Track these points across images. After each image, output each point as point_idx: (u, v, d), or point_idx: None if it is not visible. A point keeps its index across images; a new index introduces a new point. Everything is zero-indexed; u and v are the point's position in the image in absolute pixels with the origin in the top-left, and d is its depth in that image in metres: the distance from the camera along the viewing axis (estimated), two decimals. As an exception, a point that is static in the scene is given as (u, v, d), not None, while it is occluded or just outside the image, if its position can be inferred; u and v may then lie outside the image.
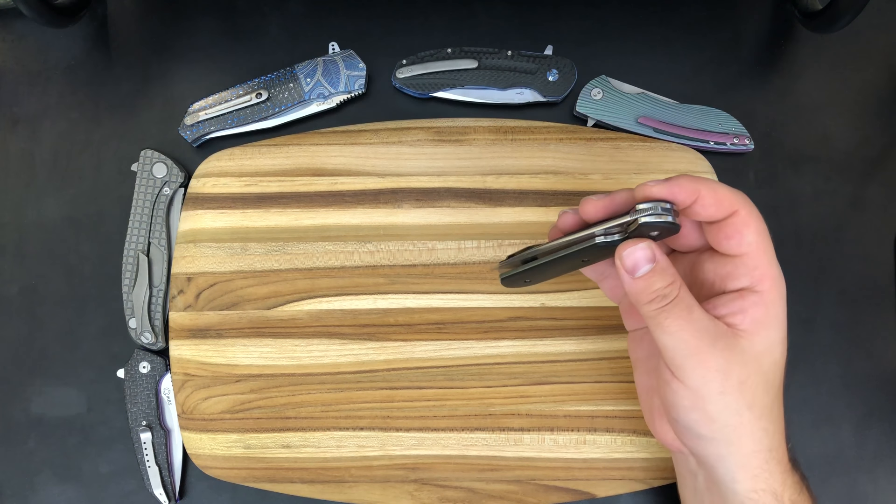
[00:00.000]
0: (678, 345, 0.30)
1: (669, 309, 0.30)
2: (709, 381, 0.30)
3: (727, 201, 0.31)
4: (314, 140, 0.46)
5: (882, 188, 0.47)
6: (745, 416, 0.31)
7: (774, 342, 0.32)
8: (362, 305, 0.44)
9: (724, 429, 0.31)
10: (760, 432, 0.31)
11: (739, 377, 0.30)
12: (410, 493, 0.43)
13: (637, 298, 0.31)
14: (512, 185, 0.45)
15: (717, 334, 0.30)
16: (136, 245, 0.45)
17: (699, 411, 0.31)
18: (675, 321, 0.30)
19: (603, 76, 0.47)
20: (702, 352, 0.30)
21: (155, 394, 0.45)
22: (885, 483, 0.44)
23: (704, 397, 0.31)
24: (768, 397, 0.32)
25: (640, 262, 0.31)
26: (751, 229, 0.31)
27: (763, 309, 0.31)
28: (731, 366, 0.30)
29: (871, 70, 0.48)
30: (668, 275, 0.30)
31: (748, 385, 0.31)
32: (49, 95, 0.49)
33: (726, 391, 0.30)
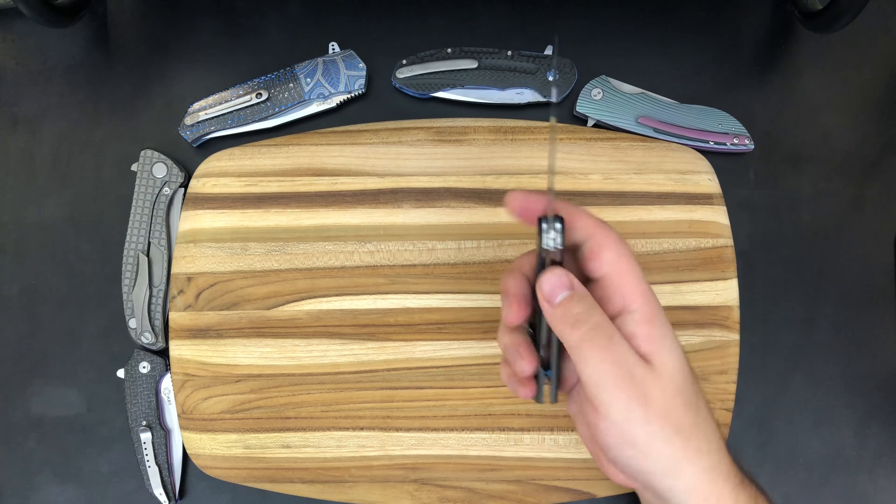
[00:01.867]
0: (599, 377, 0.30)
1: (592, 337, 0.30)
2: (631, 411, 0.30)
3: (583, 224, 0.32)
4: (314, 140, 0.46)
5: (882, 188, 0.47)
6: (676, 441, 0.30)
7: (676, 358, 0.31)
8: (362, 305, 0.44)
9: (659, 460, 0.31)
10: (695, 453, 0.31)
11: (659, 404, 0.30)
12: (410, 493, 0.43)
13: (560, 327, 0.31)
14: (512, 185, 0.45)
15: (635, 361, 0.30)
16: (136, 245, 0.45)
17: (629, 446, 0.31)
18: (597, 351, 0.30)
19: (603, 76, 0.47)
20: (622, 383, 0.30)
21: (155, 394, 0.45)
22: (885, 483, 0.44)
23: (631, 431, 0.30)
24: (691, 416, 0.31)
25: (557, 287, 0.31)
26: (608, 249, 0.31)
27: (648, 325, 0.31)
28: (651, 392, 0.30)
29: (871, 70, 0.48)
30: (587, 301, 0.31)
31: (671, 411, 0.30)
32: (49, 95, 0.49)
33: (650, 419, 0.30)
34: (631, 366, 0.30)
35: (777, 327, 0.46)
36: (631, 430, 0.30)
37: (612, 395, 0.30)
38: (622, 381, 0.30)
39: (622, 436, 0.31)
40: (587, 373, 0.30)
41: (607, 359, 0.30)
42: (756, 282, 0.46)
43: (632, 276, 0.31)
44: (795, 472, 0.45)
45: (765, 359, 0.45)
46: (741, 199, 0.46)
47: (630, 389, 0.30)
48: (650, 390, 0.30)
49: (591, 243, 0.32)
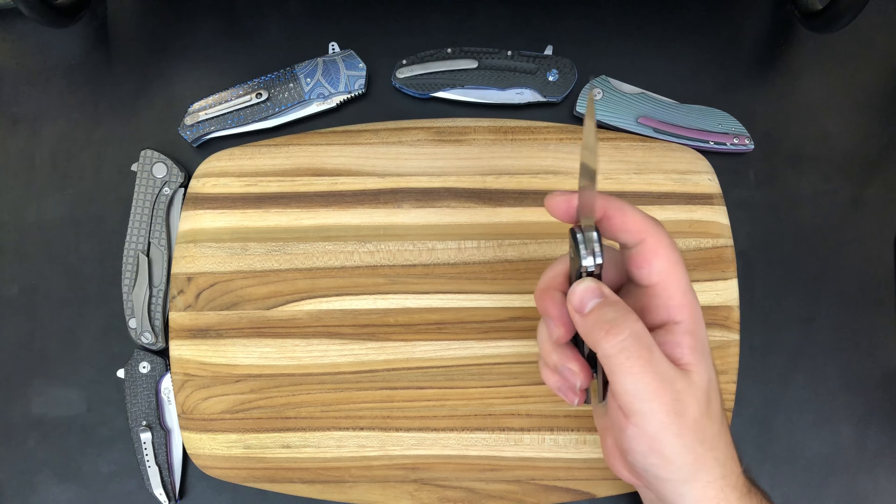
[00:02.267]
0: (639, 388, 0.29)
1: (629, 346, 0.29)
2: (667, 425, 0.29)
3: (634, 226, 0.30)
4: (314, 140, 0.46)
5: (882, 188, 0.47)
6: (699, 451, 0.30)
7: (709, 370, 0.31)
8: (362, 305, 0.44)
9: (681, 469, 0.30)
10: (713, 462, 0.31)
11: (693, 415, 0.29)
12: (410, 493, 0.43)
13: (593, 338, 0.30)
14: (512, 185, 0.45)
15: (675, 374, 0.29)
16: (136, 245, 0.45)
17: (656, 455, 0.30)
18: (637, 362, 0.29)
19: (603, 76, 0.47)
20: (661, 395, 0.29)
21: (155, 394, 0.45)
22: (885, 483, 0.44)
23: (661, 441, 0.30)
24: (714, 426, 0.31)
25: (586, 297, 0.30)
26: (660, 258, 0.30)
27: (691, 338, 0.30)
28: (686, 406, 0.29)
29: (871, 70, 0.48)
30: (620, 307, 0.30)
31: (700, 421, 0.30)
32: (49, 95, 0.49)
33: (682, 433, 0.29)
34: (671, 378, 0.29)
35: (777, 327, 0.46)
36: (662, 440, 0.30)
37: (650, 407, 0.29)
38: (662, 392, 0.29)
39: (651, 445, 0.30)
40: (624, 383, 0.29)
41: (647, 370, 0.29)
42: (756, 282, 0.46)
43: (680, 287, 0.30)
44: (795, 472, 0.45)
45: (765, 359, 0.45)
46: (741, 199, 0.46)
47: (669, 402, 0.29)
48: (687, 402, 0.29)
49: (641, 248, 0.30)
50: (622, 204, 0.30)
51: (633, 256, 0.31)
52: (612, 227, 0.30)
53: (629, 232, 0.30)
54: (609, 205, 0.30)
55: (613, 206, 0.30)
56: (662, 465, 0.31)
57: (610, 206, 0.30)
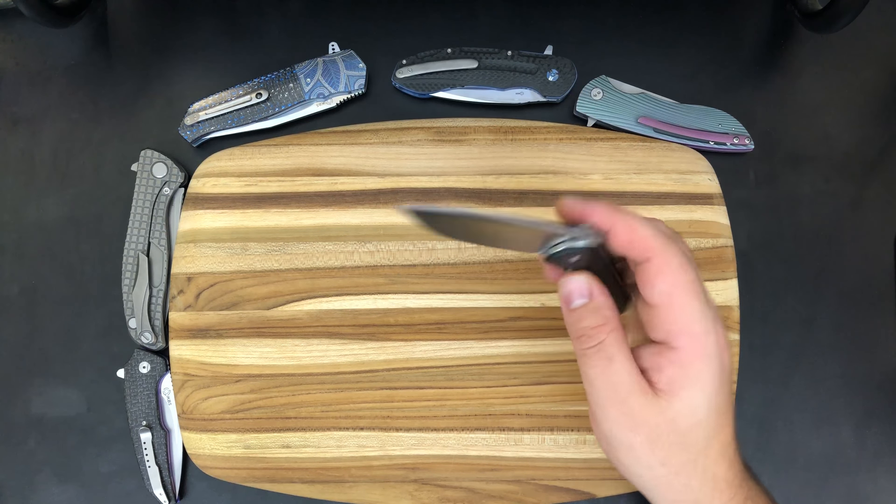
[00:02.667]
0: (593, 392, 0.30)
1: (591, 354, 0.29)
2: (616, 434, 0.30)
3: (640, 244, 0.29)
4: (314, 140, 0.46)
5: (882, 188, 0.47)
6: (659, 470, 0.30)
7: (695, 404, 0.29)
8: (362, 305, 0.44)
9: (638, 477, 0.31)
10: (681, 486, 0.30)
11: (649, 436, 0.29)
12: (410, 493, 0.43)
13: (570, 331, 0.31)
14: (512, 185, 0.45)
15: (631, 390, 0.29)
16: (136, 245, 0.45)
17: (613, 457, 0.31)
18: (593, 369, 0.30)
19: (603, 76, 0.47)
20: (611, 404, 0.29)
21: (155, 394, 0.45)
22: (885, 483, 0.44)
23: (615, 447, 0.30)
24: (687, 455, 0.30)
25: (574, 294, 0.30)
26: (664, 280, 0.28)
27: (678, 369, 0.29)
28: (639, 425, 0.29)
29: (871, 70, 0.48)
30: (599, 316, 0.29)
31: (659, 444, 0.29)
32: (49, 95, 0.49)
33: (634, 447, 0.30)
34: (626, 393, 0.29)
35: (777, 327, 0.46)
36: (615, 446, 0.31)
37: (603, 414, 0.30)
38: (613, 403, 0.30)
39: (608, 447, 0.31)
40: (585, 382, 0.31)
41: (601, 378, 0.30)
42: (756, 282, 0.46)
43: (683, 312, 0.29)
44: (795, 472, 0.45)
45: (765, 359, 0.45)
46: (741, 199, 0.46)
47: (619, 416, 0.30)
48: (638, 421, 0.29)
49: (646, 267, 0.29)
50: (632, 219, 0.29)
51: (638, 273, 0.30)
52: (617, 243, 0.29)
53: (634, 249, 0.29)
54: (618, 219, 0.29)
55: (622, 219, 0.29)
56: (620, 467, 0.31)
57: (618, 221, 0.29)
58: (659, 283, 0.29)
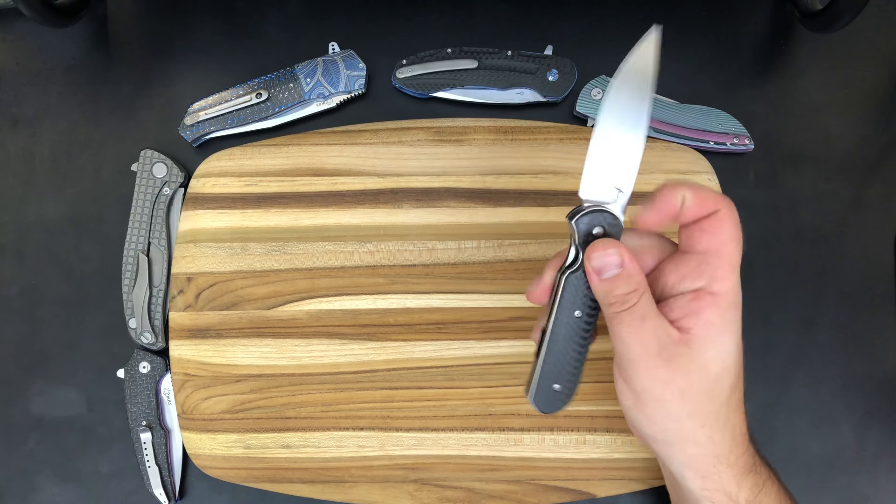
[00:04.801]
0: (625, 350, 0.31)
1: (624, 315, 0.31)
2: (648, 387, 0.31)
3: (711, 200, 0.31)
4: (314, 140, 0.46)
5: (882, 188, 0.47)
6: (686, 422, 0.31)
7: (726, 349, 0.31)
8: (362, 305, 0.44)
9: (664, 431, 0.32)
10: (704, 438, 0.32)
11: (680, 386, 0.31)
12: (410, 493, 0.43)
13: (602, 298, 0.32)
14: (512, 185, 0.45)
15: (665, 343, 0.31)
16: (136, 245, 0.45)
17: (640, 413, 0.32)
18: (626, 328, 0.31)
19: (603, 76, 0.47)
20: (645, 359, 0.31)
21: (155, 394, 0.45)
22: (885, 483, 0.44)
23: (644, 401, 0.32)
24: (713, 405, 0.32)
25: (609, 265, 0.31)
26: (726, 229, 0.31)
27: (717, 312, 0.31)
28: (673, 375, 0.31)
29: (871, 70, 0.48)
30: (632, 282, 0.31)
31: (689, 394, 0.31)
32: (49, 95, 0.49)
33: (664, 398, 0.31)
34: (660, 346, 0.31)
35: (777, 327, 0.46)
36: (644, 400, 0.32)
37: (634, 368, 0.31)
38: (646, 358, 0.31)
39: (635, 401, 0.32)
40: (615, 344, 0.32)
41: (634, 336, 0.31)
42: (756, 282, 0.46)
43: (731, 262, 0.31)
44: (795, 472, 0.45)
45: (765, 359, 0.45)
46: (741, 199, 0.46)
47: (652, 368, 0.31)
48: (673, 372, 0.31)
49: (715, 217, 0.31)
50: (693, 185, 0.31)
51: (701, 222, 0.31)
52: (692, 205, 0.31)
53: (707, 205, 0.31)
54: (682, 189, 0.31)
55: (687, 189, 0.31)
56: (646, 422, 0.32)
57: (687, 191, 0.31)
58: (722, 232, 0.31)
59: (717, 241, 0.31)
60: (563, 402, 0.34)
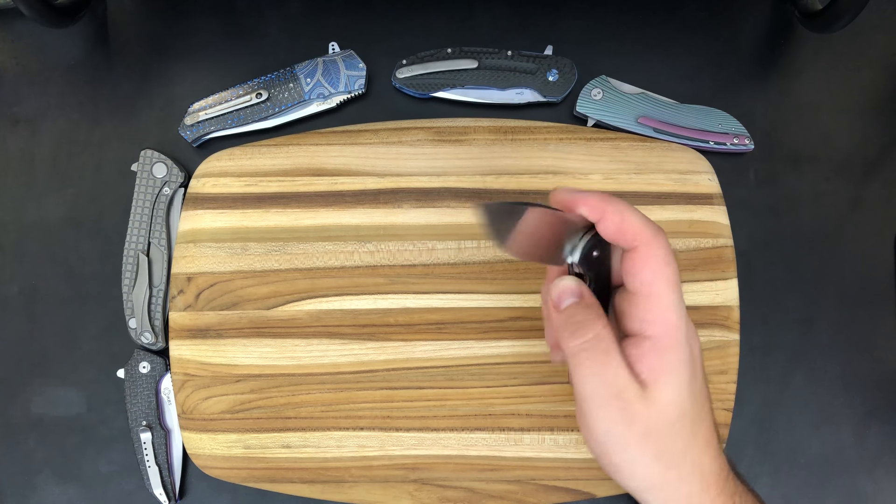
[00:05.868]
0: (588, 391, 0.30)
1: (589, 349, 0.30)
2: (611, 432, 0.30)
3: (630, 232, 0.29)
4: (314, 140, 0.46)
5: (882, 188, 0.47)
6: (654, 467, 0.30)
7: (677, 391, 0.30)
8: (362, 305, 0.44)
9: (632, 478, 0.31)
10: (675, 479, 0.31)
11: (642, 429, 0.30)
12: (410, 493, 0.43)
13: (560, 333, 0.31)
14: (512, 185, 0.45)
15: (625, 384, 0.30)
16: (136, 245, 0.45)
17: (607, 460, 0.31)
18: (591, 365, 0.30)
19: (603, 76, 0.47)
20: (606, 402, 0.30)
21: (155, 394, 0.45)
22: (885, 483, 0.44)
23: (609, 449, 0.31)
24: (679, 445, 0.30)
25: (565, 294, 0.31)
26: (647, 268, 0.29)
27: (656, 356, 0.30)
28: (634, 418, 0.29)
29: (871, 70, 0.48)
30: (591, 311, 0.30)
31: (652, 436, 0.30)
32: (49, 95, 0.49)
33: (629, 444, 0.30)
34: (621, 386, 0.30)
35: (777, 327, 0.46)
36: (609, 448, 0.31)
37: (598, 414, 0.30)
38: (609, 399, 0.30)
39: (602, 450, 0.31)
40: (578, 385, 0.30)
41: (598, 373, 0.30)
42: (756, 282, 0.46)
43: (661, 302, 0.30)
44: (795, 472, 0.45)
45: (765, 359, 0.45)
46: (741, 199, 0.46)
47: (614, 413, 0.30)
48: (636, 413, 0.30)
49: (632, 255, 0.30)
50: (623, 207, 0.30)
51: (623, 261, 0.31)
52: (608, 230, 0.30)
53: (624, 236, 0.30)
54: (609, 207, 0.30)
55: (612, 208, 0.30)
56: (614, 471, 0.31)
57: (609, 209, 0.30)
58: (643, 272, 0.30)
59: (640, 283, 0.30)
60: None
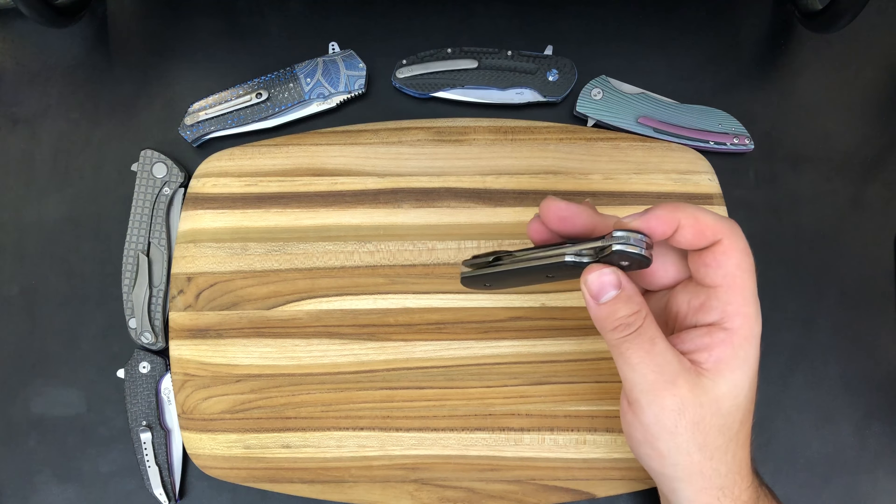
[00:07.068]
0: (637, 379, 0.30)
1: (632, 339, 0.29)
2: (662, 420, 0.30)
3: (710, 230, 0.29)
4: (314, 140, 0.46)
5: (882, 188, 0.47)
6: (696, 456, 0.30)
7: (739, 385, 0.30)
8: (362, 305, 0.44)
9: (673, 466, 0.31)
10: (711, 471, 0.31)
11: (693, 418, 0.30)
12: (410, 493, 0.43)
13: (601, 325, 0.30)
14: (512, 185, 0.45)
15: (678, 371, 0.29)
16: (136, 245, 0.45)
17: (650, 447, 0.31)
18: (637, 353, 0.29)
19: (603, 76, 0.47)
20: (659, 389, 0.29)
21: (155, 394, 0.45)
22: (885, 483, 0.44)
23: (655, 435, 0.30)
24: (722, 438, 0.30)
25: (606, 287, 0.30)
26: (731, 260, 0.29)
27: (729, 349, 0.30)
28: (687, 406, 0.29)
29: (871, 70, 0.48)
30: (633, 303, 0.29)
31: (702, 426, 0.30)
32: (49, 95, 0.49)
33: (678, 432, 0.30)
34: (673, 373, 0.29)
35: (777, 327, 0.46)
36: (655, 433, 0.30)
37: (647, 399, 0.30)
38: (660, 388, 0.29)
39: (645, 435, 0.31)
40: (625, 372, 0.30)
41: (647, 361, 0.29)
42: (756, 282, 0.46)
43: (743, 294, 0.30)
44: (795, 472, 0.45)
45: (765, 359, 0.45)
46: (741, 199, 0.46)
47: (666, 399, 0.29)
48: (686, 403, 0.29)
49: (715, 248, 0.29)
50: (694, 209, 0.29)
51: (703, 255, 0.30)
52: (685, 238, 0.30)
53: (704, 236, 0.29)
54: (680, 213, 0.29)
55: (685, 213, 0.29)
56: (655, 457, 0.31)
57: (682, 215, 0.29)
58: (727, 264, 0.29)
59: (723, 275, 0.30)
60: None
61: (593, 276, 0.30)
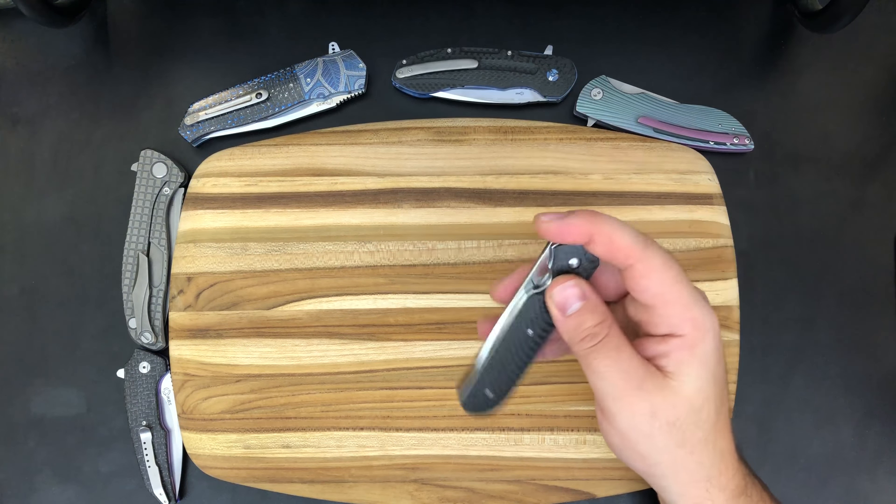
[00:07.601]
0: (607, 387, 0.30)
1: (598, 349, 0.30)
2: (636, 424, 0.30)
3: (622, 253, 0.29)
4: (314, 140, 0.46)
5: (882, 188, 0.47)
6: (677, 453, 0.31)
7: (704, 379, 0.30)
8: (362, 305, 0.44)
9: (656, 465, 0.32)
10: (695, 465, 0.31)
11: (668, 419, 0.30)
12: (410, 493, 0.43)
13: (569, 337, 0.31)
14: (512, 185, 0.45)
15: (643, 376, 0.30)
16: (136, 245, 0.45)
17: (630, 450, 0.32)
18: (603, 361, 0.30)
19: (603, 76, 0.47)
20: (627, 395, 0.30)
21: (155, 394, 0.45)
22: (885, 483, 0.44)
23: (633, 440, 0.31)
24: (701, 432, 0.31)
25: (570, 299, 0.30)
26: (652, 282, 0.29)
27: (687, 352, 0.30)
28: (658, 409, 0.30)
29: (871, 70, 0.48)
30: (598, 313, 0.30)
31: (678, 425, 0.30)
32: (49, 95, 0.49)
33: (654, 434, 0.30)
34: (640, 378, 0.30)
35: (777, 327, 0.46)
36: (633, 438, 0.31)
37: (619, 406, 0.31)
38: (629, 394, 0.30)
39: (623, 441, 0.32)
40: (594, 382, 0.31)
41: (613, 368, 0.30)
42: (756, 282, 0.46)
43: (680, 303, 0.30)
44: (795, 472, 0.45)
45: (765, 359, 0.45)
46: (741, 199, 0.46)
47: (636, 404, 0.30)
48: (657, 405, 0.30)
49: (631, 272, 0.30)
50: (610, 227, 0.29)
51: (625, 278, 0.31)
52: (597, 251, 0.30)
53: (616, 257, 0.30)
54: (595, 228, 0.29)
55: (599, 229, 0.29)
56: (637, 458, 0.32)
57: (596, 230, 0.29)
58: (648, 286, 0.30)
59: (652, 296, 0.30)
60: (492, 407, 0.34)
61: (557, 290, 0.31)
